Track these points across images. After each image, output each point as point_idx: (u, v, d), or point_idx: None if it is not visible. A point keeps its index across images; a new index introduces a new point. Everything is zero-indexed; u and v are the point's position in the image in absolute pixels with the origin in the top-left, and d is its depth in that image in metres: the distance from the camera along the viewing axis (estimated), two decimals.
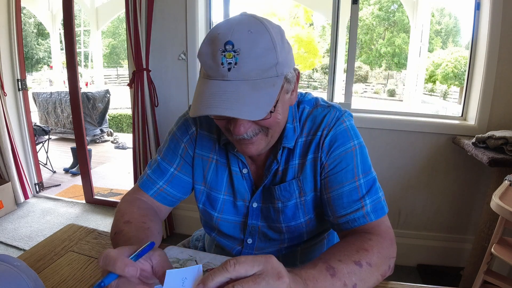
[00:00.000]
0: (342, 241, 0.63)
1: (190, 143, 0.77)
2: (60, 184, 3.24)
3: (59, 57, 7.25)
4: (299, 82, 0.68)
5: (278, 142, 0.71)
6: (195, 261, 0.68)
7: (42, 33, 12.19)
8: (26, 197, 2.72)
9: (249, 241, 0.80)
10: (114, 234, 0.64)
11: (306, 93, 0.79)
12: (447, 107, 10.71)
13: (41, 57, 12.48)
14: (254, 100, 0.55)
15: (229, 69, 0.54)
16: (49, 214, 2.54)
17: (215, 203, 0.78)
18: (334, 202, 0.68)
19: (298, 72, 0.66)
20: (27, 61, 11.05)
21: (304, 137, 0.72)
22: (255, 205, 0.77)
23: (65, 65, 2.66)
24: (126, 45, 2.15)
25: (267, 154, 0.74)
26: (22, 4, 2.70)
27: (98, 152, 4.66)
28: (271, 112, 0.59)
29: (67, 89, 3.73)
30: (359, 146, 0.70)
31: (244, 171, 0.75)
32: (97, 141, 5.23)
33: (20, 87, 2.65)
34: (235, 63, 0.54)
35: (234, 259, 0.43)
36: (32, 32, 12.10)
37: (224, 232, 0.81)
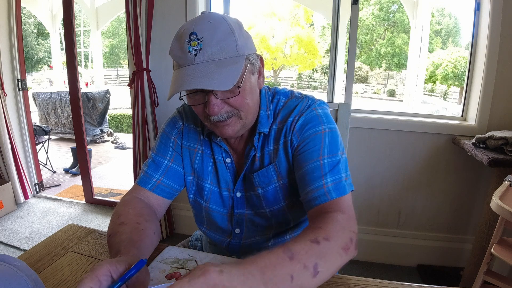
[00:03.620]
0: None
1: (178, 135, 0.83)
2: (60, 184, 3.23)
3: (59, 57, 7.25)
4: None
5: (255, 129, 0.76)
6: (195, 261, 0.68)
7: (42, 33, 12.20)
8: (26, 197, 2.72)
9: (237, 231, 0.83)
10: (109, 237, 0.65)
11: (283, 88, 0.85)
12: (447, 107, 10.72)
13: (41, 57, 12.49)
14: (221, 75, 0.62)
15: (195, 55, 0.62)
16: (49, 214, 2.54)
17: (202, 191, 0.82)
18: (300, 180, 0.71)
19: (261, 58, 0.73)
20: (27, 61, 11.06)
21: (277, 124, 0.77)
22: (238, 194, 0.81)
23: (65, 65, 2.66)
24: (126, 45, 2.15)
25: (246, 142, 0.79)
26: (22, 4, 2.70)
27: (98, 152, 4.66)
28: (238, 87, 0.66)
29: (67, 89, 3.74)
30: (330, 130, 0.73)
31: (228, 160, 0.80)
32: (97, 141, 5.23)
33: (20, 87, 2.65)
34: (200, 49, 0.62)
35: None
36: (32, 32, 12.11)
37: (213, 222, 0.84)
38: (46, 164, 3.68)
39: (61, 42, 6.70)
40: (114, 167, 4.05)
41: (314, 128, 0.72)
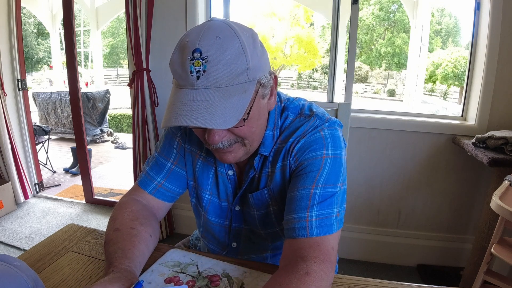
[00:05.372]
0: (275, 281, 0.54)
1: (183, 137, 0.78)
2: (60, 184, 3.23)
3: (59, 57, 7.25)
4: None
5: (258, 148, 0.70)
6: (196, 266, 0.67)
7: (42, 33, 12.20)
8: (26, 197, 2.72)
9: (234, 245, 0.81)
10: (105, 243, 0.65)
11: (295, 98, 0.76)
12: (447, 107, 10.72)
13: (41, 57, 12.49)
14: (224, 108, 0.53)
15: (197, 78, 0.53)
16: (49, 214, 2.54)
17: (201, 201, 0.79)
18: (287, 203, 0.64)
19: (275, 76, 0.64)
20: (27, 61, 11.06)
21: (277, 144, 0.70)
22: (237, 208, 0.77)
23: (65, 65, 2.66)
24: (126, 45, 2.15)
25: (248, 159, 0.73)
26: (22, 4, 2.70)
27: (98, 152, 4.66)
28: (244, 119, 0.58)
29: (67, 89, 3.73)
30: (333, 156, 0.64)
31: (230, 172, 0.75)
32: (97, 141, 5.23)
33: (20, 87, 2.65)
34: (204, 71, 0.53)
35: None
36: (32, 32, 12.11)
37: (211, 232, 0.82)
38: (46, 164, 3.68)
39: (61, 42, 6.70)
40: (114, 167, 4.05)
41: (314, 151, 0.64)
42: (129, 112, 5.96)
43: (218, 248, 0.83)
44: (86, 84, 6.97)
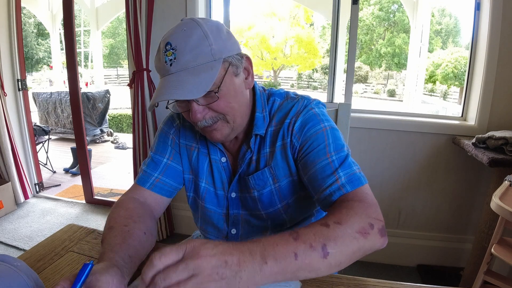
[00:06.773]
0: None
1: (176, 134, 0.83)
2: (60, 184, 3.23)
3: (59, 57, 7.25)
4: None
5: (250, 131, 0.76)
6: None
7: (42, 33, 12.21)
8: (26, 197, 2.72)
9: (233, 231, 0.83)
10: (101, 242, 0.65)
11: (279, 88, 0.84)
12: (447, 107, 10.73)
13: (41, 57, 12.50)
14: (193, 83, 0.62)
15: (171, 65, 0.63)
16: (49, 214, 2.54)
17: (198, 190, 0.82)
18: (312, 181, 0.69)
19: (247, 57, 0.72)
20: (27, 61, 11.06)
21: (273, 126, 0.76)
22: (233, 195, 0.80)
23: (65, 65, 2.66)
24: (126, 45, 2.15)
25: (241, 143, 0.78)
26: (22, 4, 2.70)
27: (98, 152, 4.66)
28: (215, 92, 0.65)
29: (67, 89, 3.74)
30: (330, 127, 0.72)
31: (223, 159, 0.80)
32: (97, 141, 5.23)
33: (20, 87, 2.65)
34: (175, 58, 0.63)
35: (158, 251, 0.44)
36: (32, 32, 12.12)
37: (209, 222, 0.84)
38: (46, 164, 3.68)
39: (61, 42, 6.70)
40: (114, 167, 4.05)
41: (314, 127, 0.71)
42: (129, 112, 5.97)
43: (219, 237, 0.85)
44: (86, 84, 6.97)
